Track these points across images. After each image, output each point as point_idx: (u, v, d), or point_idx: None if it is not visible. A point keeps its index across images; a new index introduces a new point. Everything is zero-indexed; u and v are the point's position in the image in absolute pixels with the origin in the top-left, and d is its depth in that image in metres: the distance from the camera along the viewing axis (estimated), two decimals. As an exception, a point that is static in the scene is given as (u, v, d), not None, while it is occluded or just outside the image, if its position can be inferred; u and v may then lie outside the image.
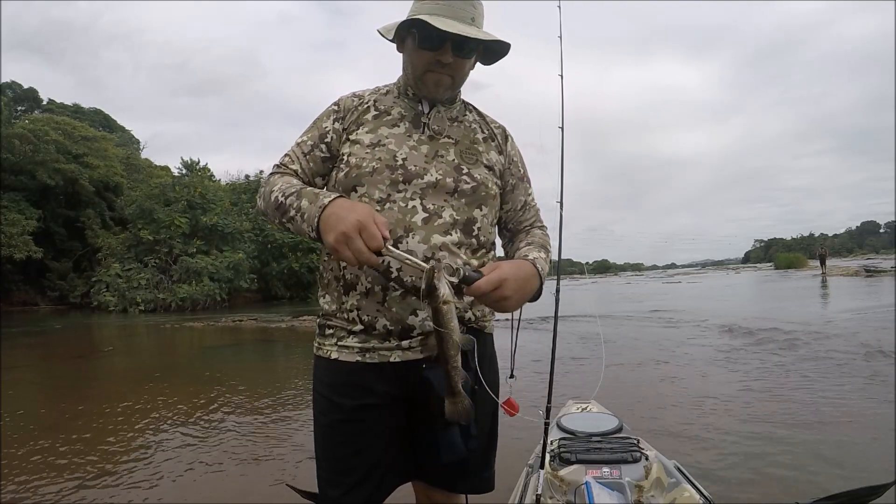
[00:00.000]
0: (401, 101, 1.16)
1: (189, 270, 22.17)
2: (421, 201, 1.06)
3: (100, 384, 6.31)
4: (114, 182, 27.33)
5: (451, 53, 1.07)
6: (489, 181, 1.14)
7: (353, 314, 1.08)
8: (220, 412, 4.30)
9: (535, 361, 5.16)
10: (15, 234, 21.41)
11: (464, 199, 1.09)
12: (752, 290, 20.22)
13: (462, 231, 1.08)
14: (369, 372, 1.08)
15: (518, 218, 1.25)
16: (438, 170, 1.09)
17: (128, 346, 10.60)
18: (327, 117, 1.17)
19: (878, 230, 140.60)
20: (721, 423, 3.47)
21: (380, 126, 1.12)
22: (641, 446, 1.60)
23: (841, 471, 2.61)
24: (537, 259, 1.09)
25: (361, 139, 1.11)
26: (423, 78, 1.10)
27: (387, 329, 1.06)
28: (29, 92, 34.03)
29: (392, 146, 1.09)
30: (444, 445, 1.07)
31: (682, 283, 29.89)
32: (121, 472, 3.03)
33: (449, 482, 1.17)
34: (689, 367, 5.44)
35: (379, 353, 1.08)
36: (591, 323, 9.95)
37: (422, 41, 1.07)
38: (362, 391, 1.07)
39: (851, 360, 5.30)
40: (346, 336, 1.10)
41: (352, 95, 1.19)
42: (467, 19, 1.06)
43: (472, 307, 1.13)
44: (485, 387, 1.05)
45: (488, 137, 1.20)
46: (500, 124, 1.25)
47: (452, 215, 1.08)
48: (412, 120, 1.14)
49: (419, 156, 1.09)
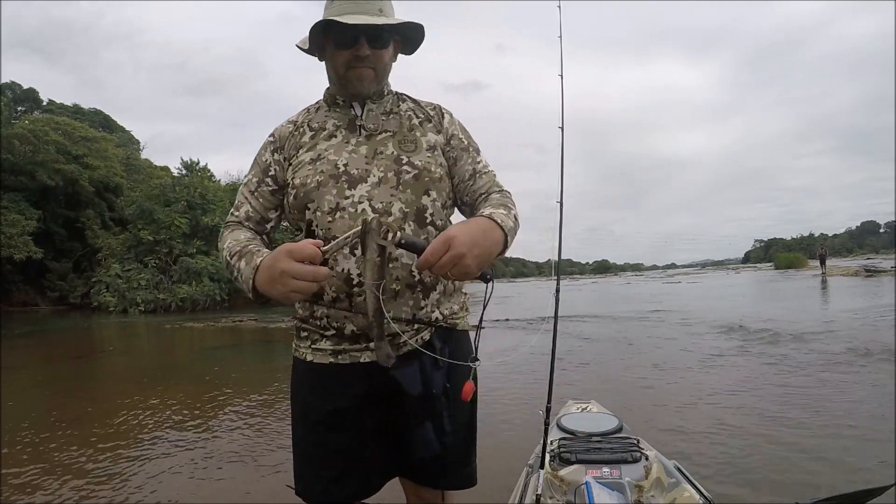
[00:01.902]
0: (332, 113, 1.17)
1: (189, 271, 22.17)
2: (369, 202, 1.06)
3: (100, 384, 6.31)
4: (114, 182, 27.34)
5: (367, 46, 1.08)
6: (432, 164, 1.13)
7: (324, 321, 1.10)
8: (221, 412, 4.30)
9: (533, 359, 5.16)
10: (15, 234, 21.40)
11: (409, 188, 1.09)
12: (752, 291, 20.21)
13: (415, 221, 1.08)
14: (342, 373, 1.10)
15: (471, 188, 1.19)
16: (379, 167, 1.09)
17: (128, 346, 10.60)
18: (265, 150, 1.18)
19: (878, 230, 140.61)
20: (721, 423, 3.47)
21: (317, 143, 1.13)
22: (641, 446, 1.60)
23: (841, 472, 2.61)
24: (493, 213, 1.01)
25: (303, 159, 1.12)
26: (345, 76, 1.11)
27: (354, 333, 1.08)
28: (29, 92, 34.04)
29: (332, 156, 1.10)
30: (418, 441, 1.10)
31: (682, 283, 29.88)
32: (121, 472, 3.03)
33: (431, 479, 1.18)
34: (690, 367, 5.43)
35: (350, 354, 1.10)
36: (590, 323, 9.96)
37: (337, 42, 1.09)
38: (337, 392, 1.10)
39: (851, 360, 5.29)
40: (319, 339, 1.13)
41: (286, 123, 1.20)
42: (375, 11, 1.07)
43: (440, 305, 1.13)
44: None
45: (424, 120, 1.20)
46: (436, 104, 1.24)
47: (402, 208, 1.07)
48: (347, 126, 1.14)
49: (359, 158, 1.10)
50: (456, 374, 1.11)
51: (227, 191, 27.69)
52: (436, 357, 1.07)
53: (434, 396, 1.09)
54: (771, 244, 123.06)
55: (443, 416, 1.09)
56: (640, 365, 5.70)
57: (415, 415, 1.10)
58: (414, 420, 1.10)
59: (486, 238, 0.93)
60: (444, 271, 0.87)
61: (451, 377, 1.11)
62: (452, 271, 0.87)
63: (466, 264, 0.87)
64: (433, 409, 1.10)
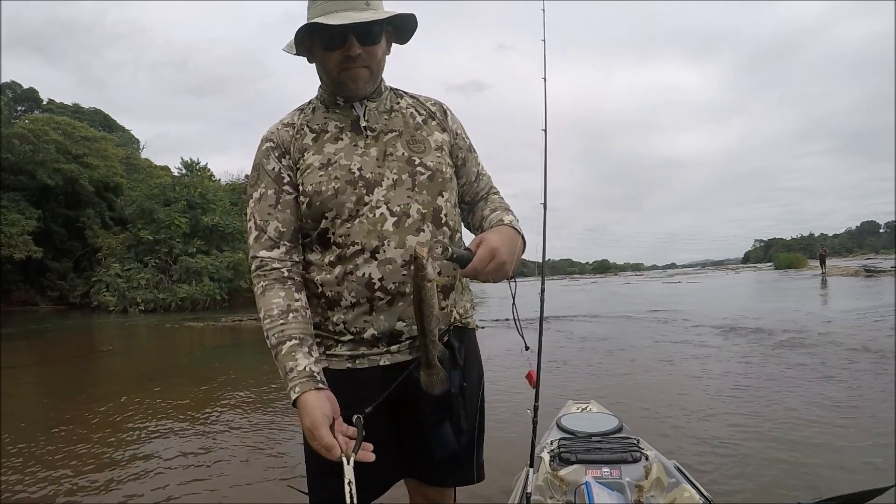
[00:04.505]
0: (332, 115, 1.12)
1: (189, 270, 22.17)
2: (387, 206, 1.05)
3: (100, 384, 6.32)
4: (114, 182, 27.32)
5: (358, 44, 1.03)
6: (443, 164, 1.12)
7: (340, 327, 1.08)
8: (221, 412, 4.30)
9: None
10: (15, 233, 21.39)
11: (425, 190, 1.08)
12: (752, 291, 20.21)
13: (432, 223, 1.08)
14: (360, 378, 1.09)
15: (474, 189, 1.24)
16: (392, 169, 1.07)
17: (128, 346, 10.60)
18: (268, 159, 1.10)
19: (878, 230, 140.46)
20: (721, 423, 3.48)
21: (323, 145, 1.09)
22: (641, 446, 1.60)
23: (841, 471, 2.62)
24: (513, 222, 1.13)
25: (312, 163, 1.07)
26: (339, 79, 1.07)
27: (374, 337, 1.07)
28: (29, 92, 34.03)
29: (343, 160, 1.06)
30: (437, 442, 1.09)
31: (682, 282, 29.87)
32: (121, 472, 3.04)
33: (439, 477, 1.18)
34: (690, 367, 5.44)
35: (369, 358, 1.09)
36: (590, 323, 9.96)
37: (325, 43, 1.04)
38: (350, 398, 1.07)
39: (852, 359, 5.30)
40: (334, 345, 1.10)
41: (281, 127, 1.13)
42: (361, 5, 1.02)
43: (456, 305, 1.15)
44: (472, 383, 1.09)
45: (428, 118, 1.17)
46: (436, 100, 1.22)
47: (419, 210, 1.07)
48: (351, 128, 1.10)
49: (371, 161, 1.07)
50: (471, 371, 1.13)
51: (226, 190, 27.69)
52: (455, 357, 1.07)
53: (453, 396, 1.08)
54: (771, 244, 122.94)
55: (460, 415, 1.09)
56: (640, 364, 5.71)
57: (433, 415, 1.09)
58: (432, 420, 1.09)
59: (516, 245, 1.05)
60: (488, 276, 0.97)
61: (468, 375, 1.13)
62: (495, 275, 0.98)
63: (507, 269, 0.99)
64: (451, 409, 1.08)
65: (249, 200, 1.12)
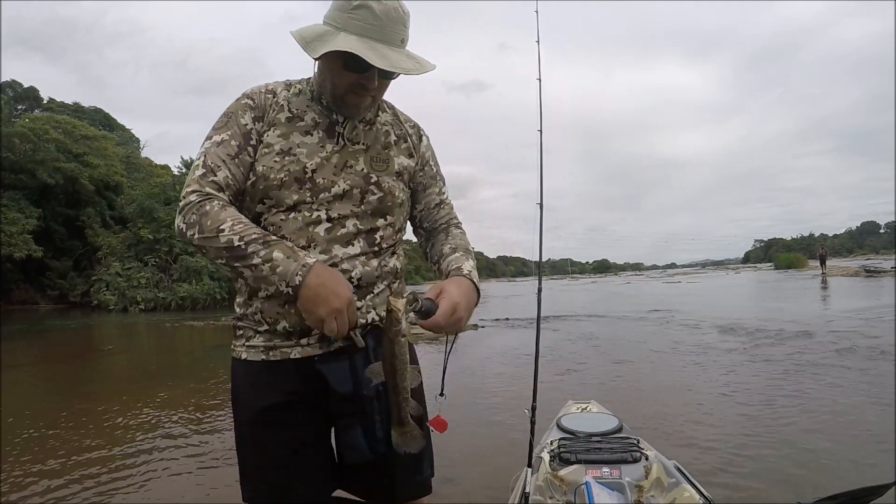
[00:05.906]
0: (315, 107, 1.10)
1: (189, 269, 22.19)
2: (326, 211, 1.05)
3: (100, 383, 6.32)
4: (114, 181, 27.35)
5: (377, 78, 1.03)
6: (396, 189, 1.12)
7: (258, 316, 1.08)
8: (220, 411, 4.30)
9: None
10: (15, 232, 21.42)
11: (369, 209, 1.08)
12: (752, 290, 20.22)
13: (365, 240, 1.08)
14: (273, 370, 1.07)
15: (433, 217, 1.24)
16: (346, 180, 1.07)
17: (128, 345, 10.61)
18: (244, 113, 1.07)
19: (878, 230, 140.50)
20: (721, 423, 3.47)
21: (293, 131, 1.07)
22: (641, 446, 1.60)
23: (842, 471, 2.62)
24: (471, 272, 1.12)
25: (272, 143, 1.05)
26: (343, 98, 1.06)
27: (287, 330, 1.06)
28: (29, 91, 34.07)
29: (303, 157, 1.05)
30: (346, 445, 1.06)
31: (682, 282, 29.89)
32: (120, 472, 3.04)
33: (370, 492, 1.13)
34: (690, 367, 5.44)
35: (281, 350, 1.07)
36: (589, 322, 9.96)
37: (348, 64, 1.01)
38: (268, 389, 1.06)
39: (851, 359, 5.30)
40: (252, 336, 1.10)
41: (265, 91, 1.10)
42: (397, 42, 1.01)
43: (377, 307, 1.09)
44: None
45: (400, 139, 1.17)
46: (415, 122, 1.22)
47: (356, 224, 1.07)
48: (326, 129, 1.09)
49: (329, 167, 1.06)
50: None
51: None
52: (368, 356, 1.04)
53: (364, 398, 1.04)
54: (771, 244, 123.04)
55: (375, 420, 1.05)
56: (640, 364, 5.71)
57: (343, 416, 1.06)
58: (342, 422, 1.07)
59: (473, 301, 1.08)
60: (443, 329, 0.99)
61: None
62: (450, 329, 1.01)
63: (463, 325, 1.03)
64: (363, 412, 1.05)
65: (206, 141, 1.05)
